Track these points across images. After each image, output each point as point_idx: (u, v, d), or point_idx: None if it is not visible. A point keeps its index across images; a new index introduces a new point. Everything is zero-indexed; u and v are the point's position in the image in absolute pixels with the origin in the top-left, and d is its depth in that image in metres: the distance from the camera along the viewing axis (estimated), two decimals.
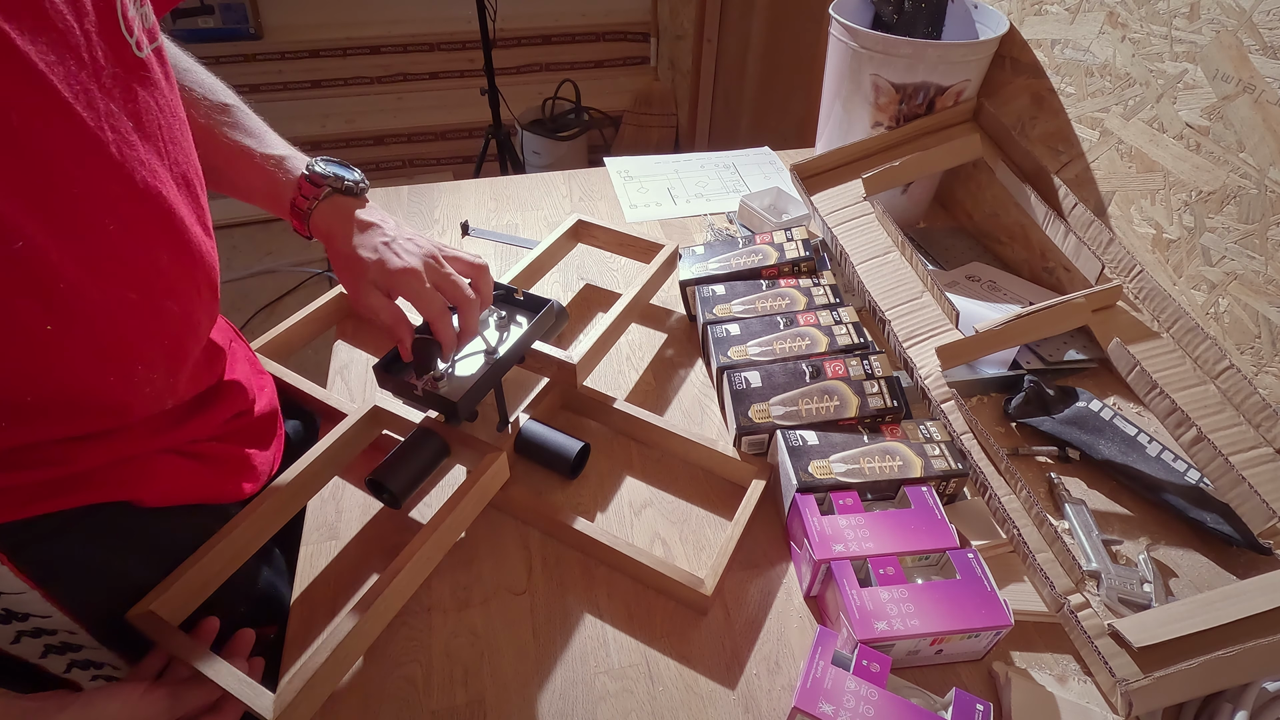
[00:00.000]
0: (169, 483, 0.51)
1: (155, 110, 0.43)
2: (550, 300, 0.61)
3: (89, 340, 0.41)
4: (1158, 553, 0.61)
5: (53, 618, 0.48)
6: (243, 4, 2.27)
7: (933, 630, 0.49)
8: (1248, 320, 0.65)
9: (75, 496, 0.46)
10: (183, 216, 0.45)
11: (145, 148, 0.42)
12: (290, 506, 0.57)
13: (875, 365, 0.66)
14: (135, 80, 0.41)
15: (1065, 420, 0.70)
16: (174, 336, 0.47)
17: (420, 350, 0.55)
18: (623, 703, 0.51)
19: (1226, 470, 0.58)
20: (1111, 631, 0.52)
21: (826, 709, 0.45)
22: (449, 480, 0.66)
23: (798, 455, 0.60)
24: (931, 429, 0.62)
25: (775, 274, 0.80)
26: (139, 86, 0.41)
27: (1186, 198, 0.69)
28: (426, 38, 2.52)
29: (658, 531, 0.62)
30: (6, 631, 0.47)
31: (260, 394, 0.61)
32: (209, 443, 0.55)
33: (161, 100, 0.44)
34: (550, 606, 0.57)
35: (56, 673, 0.52)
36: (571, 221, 0.84)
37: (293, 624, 0.55)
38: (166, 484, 0.51)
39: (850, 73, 0.89)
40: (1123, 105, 0.74)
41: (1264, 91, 0.61)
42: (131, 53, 0.41)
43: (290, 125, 2.43)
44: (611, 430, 0.71)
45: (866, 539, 0.54)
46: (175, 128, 0.45)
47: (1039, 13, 0.83)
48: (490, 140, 2.31)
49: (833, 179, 0.90)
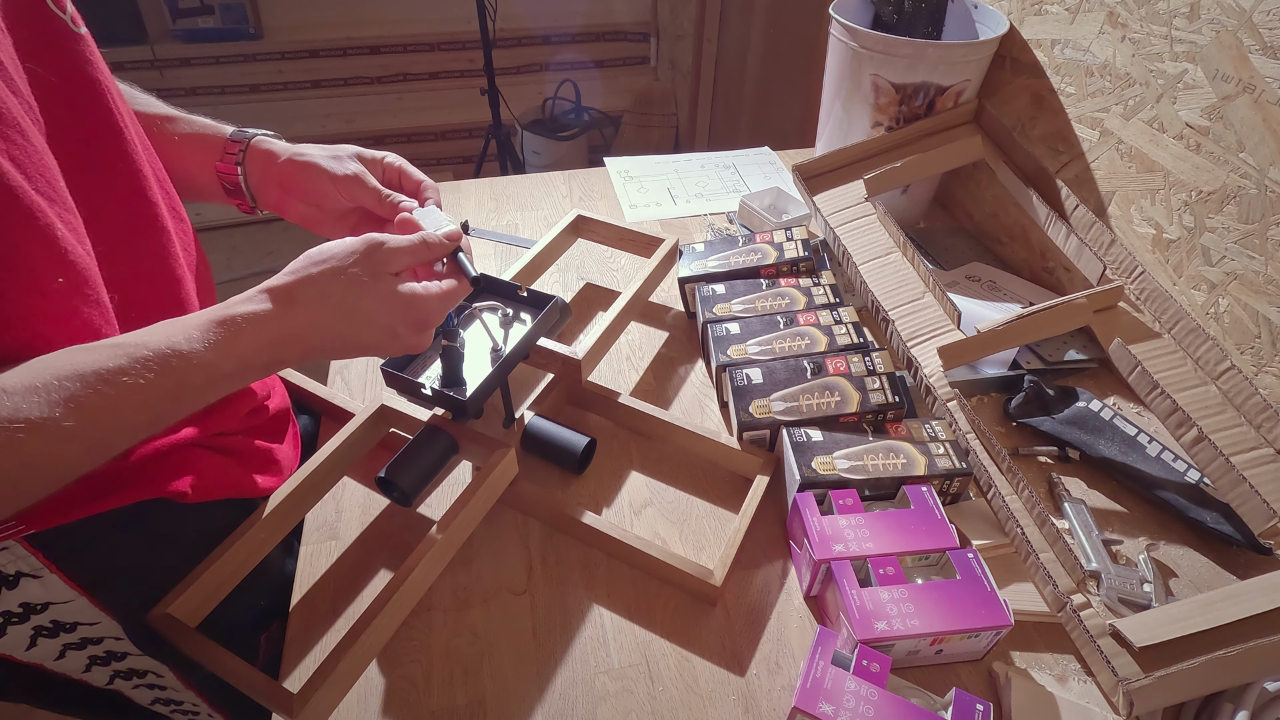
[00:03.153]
0: (204, 476, 0.52)
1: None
2: (554, 297, 0.61)
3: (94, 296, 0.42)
4: (1158, 553, 0.61)
5: (100, 624, 0.49)
6: (243, 4, 2.27)
7: (933, 630, 0.49)
8: (1248, 320, 0.65)
9: (119, 496, 0.47)
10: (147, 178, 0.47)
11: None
12: (302, 506, 0.57)
13: (877, 361, 0.66)
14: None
15: (1065, 420, 0.70)
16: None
17: (448, 357, 0.55)
18: (623, 703, 0.51)
19: (1227, 470, 0.58)
20: (1112, 631, 0.52)
21: (826, 709, 0.45)
22: (452, 479, 0.66)
23: (801, 451, 0.60)
24: (936, 428, 0.62)
25: (774, 273, 0.80)
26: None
27: (1186, 198, 0.69)
28: (426, 38, 2.52)
29: (658, 531, 0.62)
30: (53, 646, 0.48)
31: (273, 390, 0.62)
32: (234, 437, 0.56)
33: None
34: (550, 606, 0.57)
35: (99, 685, 0.53)
36: (572, 217, 0.84)
37: (293, 624, 0.55)
38: (202, 477, 0.52)
39: (850, 73, 0.89)
40: (1123, 105, 0.74)
41: (1264, 91, 0.61)
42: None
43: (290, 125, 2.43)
44: (614, 426, 0.71)
45: (866, 539, 0.54)
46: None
47: (1039, 13, 0.83)
48: (490, 140, 2.31)
49: (834, 180, 0.90)
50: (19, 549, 0.43)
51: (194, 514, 0.52)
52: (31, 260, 0.37)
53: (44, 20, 0.42)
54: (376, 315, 0.45)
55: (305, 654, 0.53)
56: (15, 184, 0.36)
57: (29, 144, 0.38)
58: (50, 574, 0.45)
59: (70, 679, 0.51)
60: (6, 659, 0.47)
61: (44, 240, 0.38)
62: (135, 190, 0.47)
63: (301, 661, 0.52)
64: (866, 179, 0.85)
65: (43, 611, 0.46)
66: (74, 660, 0.50)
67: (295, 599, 0.56)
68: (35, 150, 0.39)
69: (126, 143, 0.46)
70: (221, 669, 0.47)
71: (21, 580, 0.44)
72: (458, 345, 0.55)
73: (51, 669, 0.49)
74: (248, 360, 0.41)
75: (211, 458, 0.53)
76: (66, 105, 0.43)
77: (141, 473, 0.48)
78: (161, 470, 0.49)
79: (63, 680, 0.51)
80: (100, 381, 0.35)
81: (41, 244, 0.38)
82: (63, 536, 0.44)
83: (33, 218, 0.37)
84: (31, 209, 0.37)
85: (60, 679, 0.51)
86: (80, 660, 0.50)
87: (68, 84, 0.43)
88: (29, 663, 0.48)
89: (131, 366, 0.37)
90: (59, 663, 0.49)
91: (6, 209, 0.36)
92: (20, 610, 0.45)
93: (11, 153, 0.37)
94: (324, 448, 0.58)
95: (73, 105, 0.43)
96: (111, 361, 0.36)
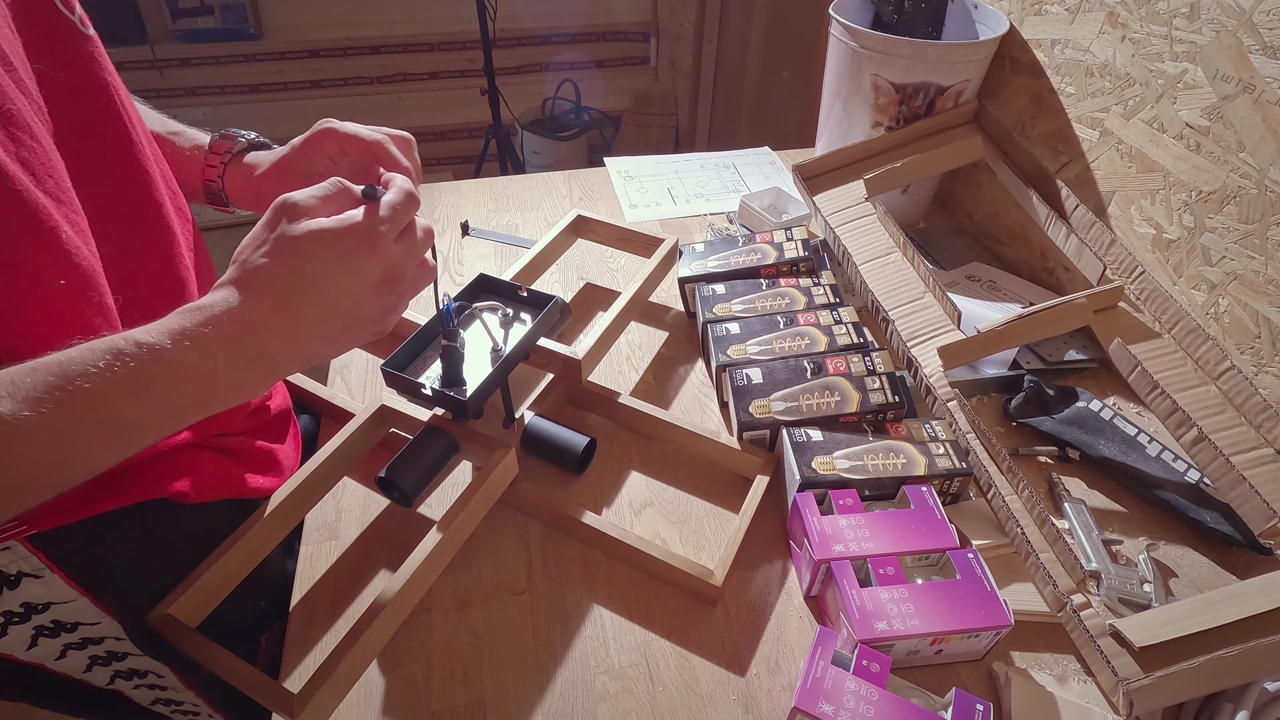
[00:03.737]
0: (205, 476, 0.52)
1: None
2: (554, 297, 0.61)
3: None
4: (1158, 553, 0.61)
5: (101, 625, 0.49)
6: (243, 4, 2.27)
7: (933, 630, 0.49)
8: (1248, 320, 0.65)
9: (120, 496, 0.47)
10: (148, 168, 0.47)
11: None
12: (302, 506, 0.57)
13: (877, 361, 0.66)
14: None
15: (1065, 420, 0.70)
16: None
17: (448, 357, 0.55)
18: (623, 703, 0.51)
19: (1227, 470, 0.58)
20: (1112, 631, 0.52)
21: (826, 709, 0.45)
22: (452, 479, 0.66)
23: (801, 451, 0.60)
24: (936, 428, 0.62)
25: (774, 273, 0.80)
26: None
27: (1186, 198, 0.69)
28: (426, 38, 2.52)
29: (658, 531, 0.62)
30: (53, 646, 0.48)
31: (274, 390, 0.62)
32: (235, 437, 0.56)
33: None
34: (550, 606, 0.57)
35: (100, 685, 0.53)
36: (571, 217, 0.84)
37: (294, 625, 0.55)
38: (203, 477, 0.52)
39: (850, 73, 0.89)
40: (1123, 105, 0.74)
41: (1264, 91, 0.61)
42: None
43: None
44: (614, 426, 0.71)
45: (866, 539, 0.54)
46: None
47: (1039, 13, 0.83)
48: (490, 140, 2.31)
49: (835, 179, 0.90)
50: (20, 549, 0.43)
51: (195, 514, 0.52)
52: (33, 260, 0.37)
53: (53, 21, 0.42)
54: (318, 257, 0.39)
55: (306, 654, 0.53)
56: (23, 186, 0.36)
57: (38, 144, 0.38)
58: (51, 574, 0.45)
59: (71, 679, 0.51)
60: (7, 659, 0.47)
61: (48, 241, 0.38)
62: (141, 189, 0.47)
63: (302, 662, 0.52)
64: (866, 179, 0.85)
65: (44, 611, 0.46)
66: (75, 660, 0.50)
67: (295, 599, 0.56)
68: (44, 151, 0.39)
69: (133, 143, 0.46)
70: (222, 669, 0.47)
71: (23, 580, 0.44)
72: (458, 345, 0.55)
73: (52, 669, 0.50)
74: (212, 349, 0.37)
75: (212, 458, 0.53)
76: (75, 105, 0.43)
77: (142, 473, 0.48)
78: (162, 471, 0.49)
79: (63, 680, 0.51)
80: (49, 373, 0.33)
81: (45, 245, 0.38)
82: (64, 537, 0.44)
83: (38, 219, 0.37)
84: (37, 210, 0.37)
85: (61, 679, 0.51)
86: (81, 660, 0.50)
87: (76, 84, 0.43)
88: (30, 662, 0.48)
89: (83, 356, 0.34)
90: (60, 662, 0.49)
91: (11, 210, 0.36)
92: (21, 610, 0.45)
93: (21, 154, 0.37)
94: (324, 448, 0.58)
95: (81, 105, 0.44)
96: (64, 354, 0.34)
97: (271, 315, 0.39)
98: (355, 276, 0.41)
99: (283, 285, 0.39)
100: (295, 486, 0.55)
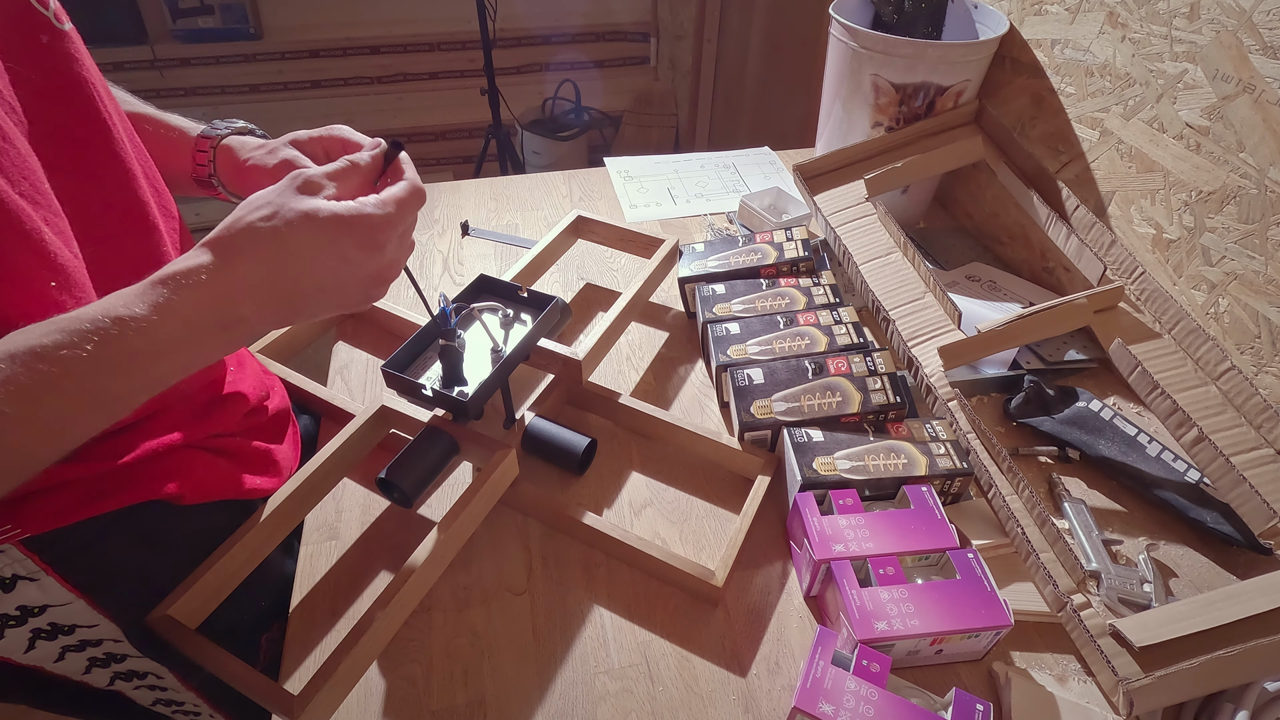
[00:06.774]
0: (202, 478, 0.52)
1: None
2: (554, 297, 0.61)
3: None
4: (1158, 553, 0.61)
5: (99, 627, 0.49)
6: (243, 4, 2.26)
7: (933, 630, 0.49)
8: (1248, 320, 0.65)
9: (116, 498, 0.46)
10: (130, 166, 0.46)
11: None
12: (302, 507, 0.57)
13: (878, 362, 0.66)
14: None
15: (1065, 420, 0.70)
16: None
17: (448, 358, 0.55)
18: (623, 703, 0.51)
19: (1227, 470, 0.58)
20: (1112, 631, 0.52)
21: (826, 709, 0.45)
22: (452, 480, 0.66)
23: (802, 451, 0.60)
24: (937, 428, 0.62)
25: (774, 273, 0.80)
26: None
27: (1186, 198, 0.69)
28: (426, 38, 2.52)
29: (658, 531, 0.62)
30: (51, 648, 0.48)
31: (272, 391, 0.62)
32: (232, 438, 0.56)
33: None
34: (550, 606, 0.57)
35: (100, 686, 0.52)
36: (572, 217, 0.84)
37: (294, 625, 0.55)
38: (199, 479, 0.51)
39: (850, 73, 0.89)
40: (1123, 105, 0.74)
41: (1264, 91, 0.61)
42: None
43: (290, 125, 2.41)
44: (615, 427, 0.71)
45: (866, 539, 0.54)
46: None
47: (1039, 13, 0.83)
48: (490, 140, 2.31)
49: (835, 180, 0.90)
50: (15, 552, 0.43)
51: (193, 516, 0.52)
52: (22, 264, 0.37)
53: (26, 17, 0.41)
54: (319, 243, 0.40)
55: (306, 655, 0.53)
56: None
57: (11, 147, 0.37)
58: (47, 576, 0.45)
59: (70, 681, 0.51)
60: (5, 661, 0.47)
61: (34, 244, 0.37)
62: (124, 188, 0.46)
63: (302, 663, 0.52)
64: (867, 179, 0.85)
65: (40, 614, 0.46)
66: (74, 662, 0.50)
67: (295, 600, 0.56)
68: (18, 153, 0.38)
69: (114, 141, 0.45)
70: (222, 671, 0.47)
71: (18, 583, 0.44)
72: (458, 346, 0.55)
73: (51, 671, 0.49)
74: (192, 319, 0.37)
75: (209, 459, 0.53)
76: (51, 104, 0.42)
77: (138, 475, 0.48)
78: (158, 472, 0.49)
79: (63, 682, 0.51)
80: (35, 359, 0.33)
81: (31, 247, 0.37)
82: (60, 539, 0.44)
83: (19, 221, 0.37)
84: (18, 213, 0.36)
85: (61, 680, 0.50)
86: (80, 662, 0.50)
87: (51, 82, 0.42)
88: (28, 665, 0.48)
89: (68, 339, 0.34)
90: (58, 665, 0.49)
91: None
92: (18, 613, 0.45)
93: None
94: (324, 449, 0.58)
95: (58, 104, 0.42)
96: (47, 338, 0.34)
97: (254, 283, 0.39)
98: (348, 266, 0.41)
99: (271, 256, 0.39)
100: (295, 487, 0.55)
